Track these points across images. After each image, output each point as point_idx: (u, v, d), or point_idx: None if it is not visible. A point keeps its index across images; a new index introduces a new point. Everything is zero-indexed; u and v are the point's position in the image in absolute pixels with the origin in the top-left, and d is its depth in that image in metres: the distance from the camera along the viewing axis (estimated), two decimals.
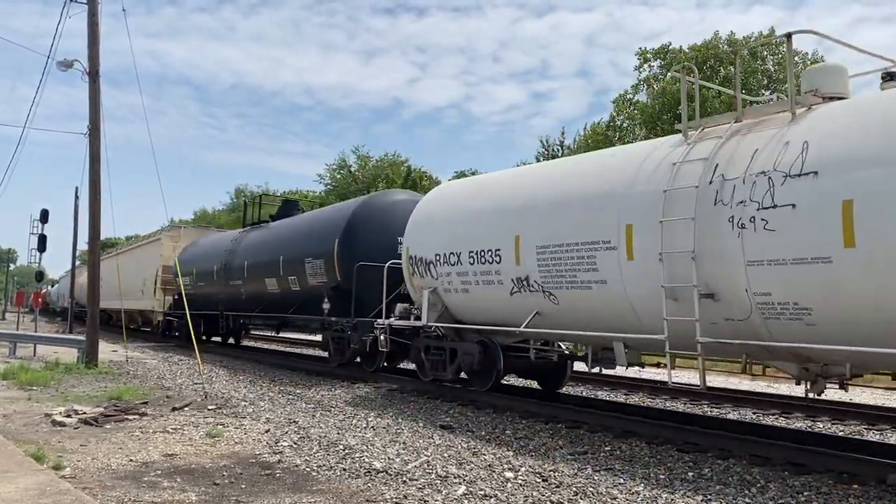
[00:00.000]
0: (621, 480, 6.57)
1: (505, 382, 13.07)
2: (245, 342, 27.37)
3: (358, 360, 15.18)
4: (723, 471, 6.96)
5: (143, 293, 29.35)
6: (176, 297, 24.72)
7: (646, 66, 37.65)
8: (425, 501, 5.79)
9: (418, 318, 12.10)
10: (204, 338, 24.01)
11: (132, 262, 31.58)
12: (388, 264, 13.17)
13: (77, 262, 37.77)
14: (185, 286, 23.61)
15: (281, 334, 28.92)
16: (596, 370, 10.17)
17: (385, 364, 14.58)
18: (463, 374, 11.74)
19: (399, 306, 12.73)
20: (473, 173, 47.09)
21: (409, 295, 12.97)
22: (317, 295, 15.61)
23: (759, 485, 6.44)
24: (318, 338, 29.80)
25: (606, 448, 8.03)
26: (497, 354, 10.85)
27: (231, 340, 25.76)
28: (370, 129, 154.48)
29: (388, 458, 7.33)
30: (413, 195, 16.60)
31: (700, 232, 7.44)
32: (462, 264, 10.88)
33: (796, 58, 35.34)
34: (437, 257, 11.43)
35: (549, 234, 9.40)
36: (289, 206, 21.97)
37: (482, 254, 10.50)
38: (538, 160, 38.54)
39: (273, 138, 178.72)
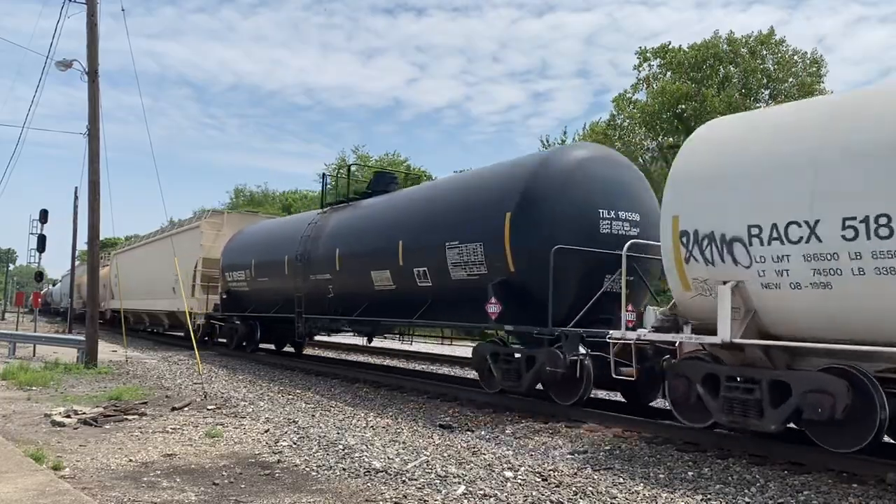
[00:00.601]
0: (621, 480, 6.56)
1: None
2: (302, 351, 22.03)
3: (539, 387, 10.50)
4: (722, 470, 6.95)
5: (174, 291, 23.97)
6: (224, 295, 20.79)
7: (645, 65, 37.65)
8: (425, 501, 5.79)
9: (696, 330, 7.92)
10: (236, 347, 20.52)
11: (159, 255, 26.37)
12: (627, 246, 9.03)
13: (77, 262, 37.71)
14: (238, 282, 19.98)
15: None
16: None
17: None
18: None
19: (655, 311, 8.59)
20: None
21: (618, 296, 9.39)
22: (466, 292, 11.31)
23: (758, 484, 6.44)
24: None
25: (606, 447, 8.03)
26: (878, 395, 6.59)
27: (286, 349, 21.67)
28: (370, 129, 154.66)
29: (388, 457, 7.33)
30: (602, 149, 11.88)
31: None
32: (821, 240, 6.63)
33: (795, 57, 35.37)
34: (755, 231, 7.15)
35: None
36: (385, 178, 17.01)
37: (880, 221, 6.24)
38: None
39: (272, 138, 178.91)
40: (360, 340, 25.58)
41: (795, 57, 35.31)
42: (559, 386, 10.01)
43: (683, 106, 33.57)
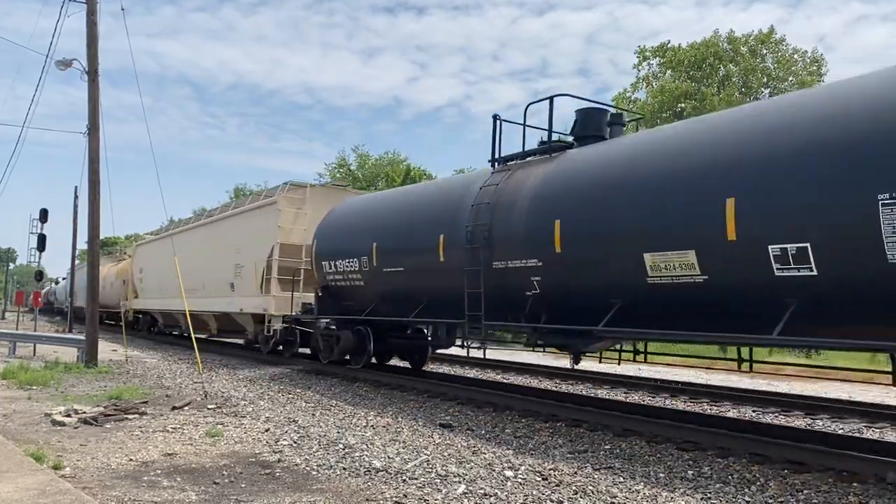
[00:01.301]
0: (621, 479, 6.57)
1: None
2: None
3: None
4: (722, 469, 6.96)
5: (232, 287, 19.36)
6: (320, 293, 15.37)
7: (645, 64, 37.71)
8: (425, 500, 5.79)
9: None
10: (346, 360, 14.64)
11: (210, 241, 21.36)
12: None
13: (77, 262, 37.70)
14: (346, 274, 14.28)
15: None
16: None
17: None
18: None
19: None
20: None
21: None
22: None
23: (758, 483, 6.44)
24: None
25: (606, 446, 8.03)
26: None
27: (391, 361, 16.27)
28: (370, 128, 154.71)
29: (388, 456, 7.34)
30: None
31: None
32: None
33: (796, 56, 35.39)
34: None
35: None
36: (600, 118, 10.89)
37: None
38: None
39: (272, 137, 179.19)
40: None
41: (796, 56, 35.36)
42: None
43: (683, 105, 33.59)
